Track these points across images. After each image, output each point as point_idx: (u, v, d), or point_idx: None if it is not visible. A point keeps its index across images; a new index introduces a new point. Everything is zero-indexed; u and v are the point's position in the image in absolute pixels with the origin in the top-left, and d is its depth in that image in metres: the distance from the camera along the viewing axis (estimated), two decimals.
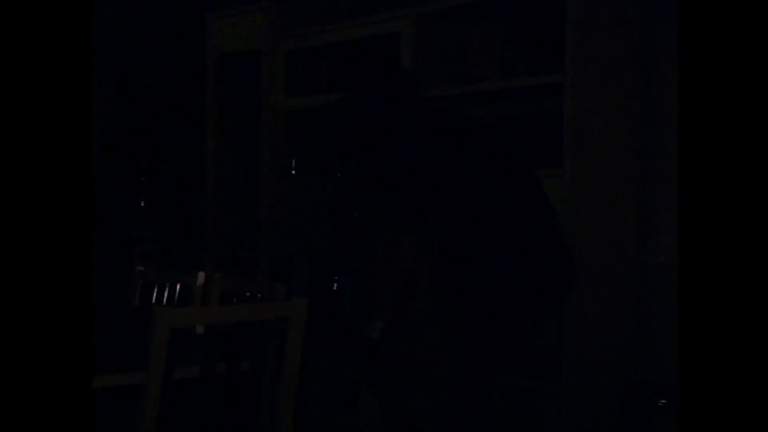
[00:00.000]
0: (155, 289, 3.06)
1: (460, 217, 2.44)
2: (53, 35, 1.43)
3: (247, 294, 2.79)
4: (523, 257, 2.43)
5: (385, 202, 2.60)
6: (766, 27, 1.38)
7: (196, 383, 2.07)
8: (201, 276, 2.98)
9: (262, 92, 3.90)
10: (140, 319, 2.10)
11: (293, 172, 3.90)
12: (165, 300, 3.01)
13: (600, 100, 2.91)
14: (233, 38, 4.07)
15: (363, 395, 3.28)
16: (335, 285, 3.43)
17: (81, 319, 1.41)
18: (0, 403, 1.36)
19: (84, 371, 1.42)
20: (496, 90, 3.12)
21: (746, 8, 1.40)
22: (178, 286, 3.02)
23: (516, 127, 3.25)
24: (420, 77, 3.04)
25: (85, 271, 1.42)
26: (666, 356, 3.00)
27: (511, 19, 3.26)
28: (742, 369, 1.38)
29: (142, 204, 4.34)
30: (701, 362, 1.40)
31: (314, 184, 3.87)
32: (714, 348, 1.40)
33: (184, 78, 4.45)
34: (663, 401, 2.83)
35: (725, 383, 1.38)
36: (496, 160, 2.53)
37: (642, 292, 3.06)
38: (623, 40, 2.99)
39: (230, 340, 2.12)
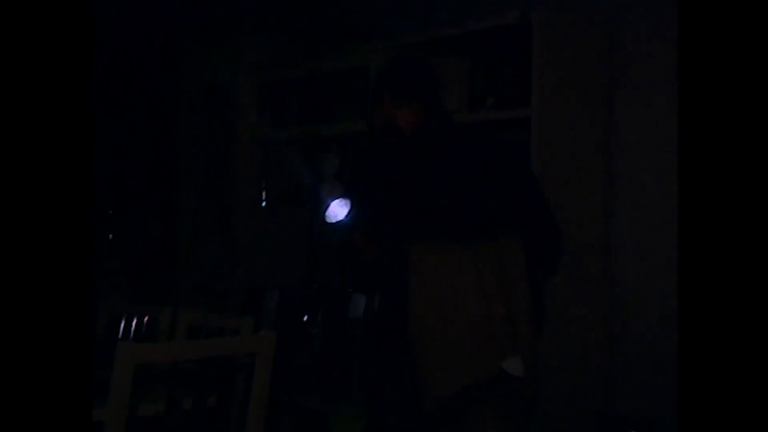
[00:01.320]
0: (122, 323, 3.03)
1: (530, 232, 2.27)
2: (57, 38, 1.43)
3: (216, 328, 2.77)
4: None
5: (441, 217, 2.31)
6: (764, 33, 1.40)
7: (161, 419, 2.04)
8: (168, 310, 2.95)
9: (235, 123, 3.91)
10: (106, 354, 2.08)
11: (263, 203, 3.89)
12: (132, 334, 2.98)
13: (566, 133, 2.94)
14: (207, 70, 4.08)
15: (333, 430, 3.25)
16: (305, 317, 3.41)
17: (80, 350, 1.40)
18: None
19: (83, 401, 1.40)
20: (463, 123, 3.13)
21: (744, 14, 1.41)
22: (145, 320, 2.99)
23: None
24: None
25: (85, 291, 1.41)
26: (638, 388, 3.01)
27: (478, 53, 3.30)
28: (742, 383, 1.36)
29: (110, 236, 4.31)
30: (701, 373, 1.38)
31: (284, 216, 3.87)
32: (714, 361, 1.37)
33: (157, 109, 4.44)
34: None
35: (725, 400, 1.36)
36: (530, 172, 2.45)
37: (613, 324, 3.07)
38: (589, 74, 3.03)
39: (196, 374, 2.09)
